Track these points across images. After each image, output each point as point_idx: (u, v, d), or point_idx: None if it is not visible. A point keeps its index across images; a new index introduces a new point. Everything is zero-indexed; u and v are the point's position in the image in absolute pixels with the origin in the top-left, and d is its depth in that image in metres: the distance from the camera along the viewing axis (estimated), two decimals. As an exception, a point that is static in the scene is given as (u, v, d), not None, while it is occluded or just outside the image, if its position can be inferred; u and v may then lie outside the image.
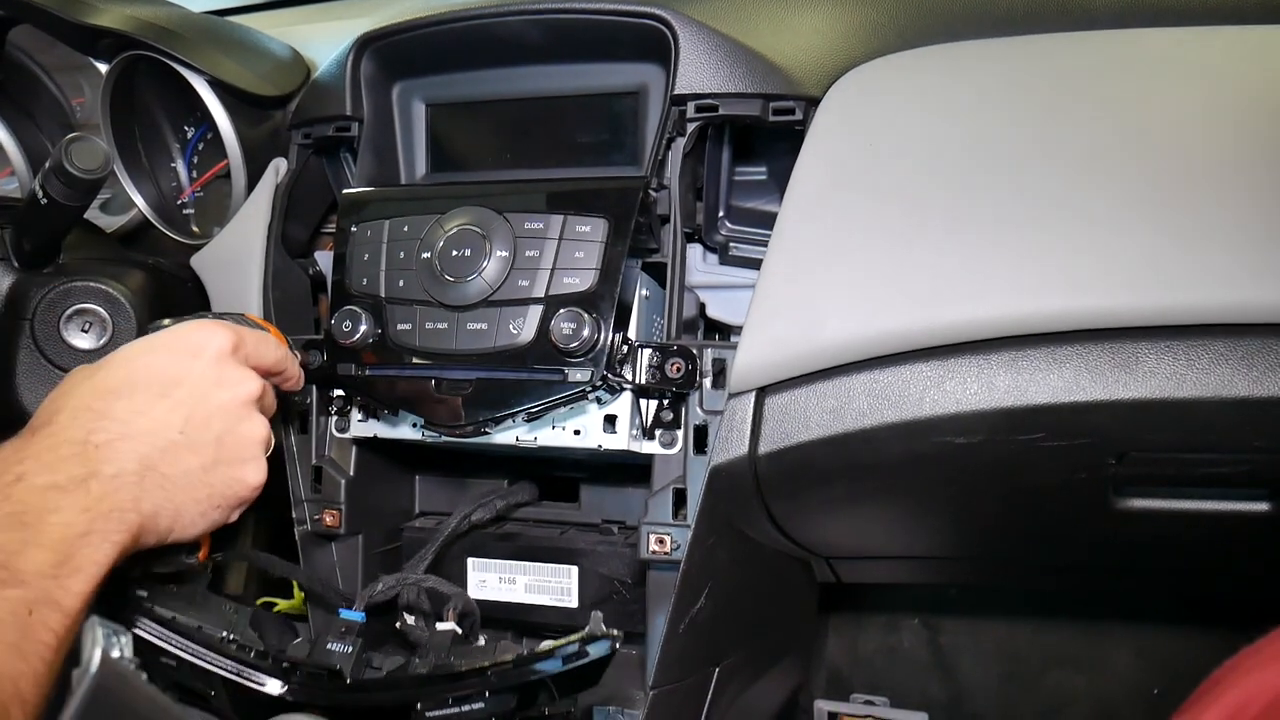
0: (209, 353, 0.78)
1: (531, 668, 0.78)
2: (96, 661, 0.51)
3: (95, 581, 0.64)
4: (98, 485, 0.66)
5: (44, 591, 0.60)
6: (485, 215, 0.91)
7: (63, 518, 0.63)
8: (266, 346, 0.85)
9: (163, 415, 0.73)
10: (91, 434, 0.69)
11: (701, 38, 0.91)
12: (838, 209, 0.87)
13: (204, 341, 0.79)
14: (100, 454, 0.68)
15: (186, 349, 0.78)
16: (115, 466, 0.68)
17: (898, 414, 0.84)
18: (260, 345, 0.84)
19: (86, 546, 0.64)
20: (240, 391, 0.79)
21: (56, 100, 1.29)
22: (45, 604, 0.60)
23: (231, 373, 0.79)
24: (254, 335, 0.84)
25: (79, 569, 0.63)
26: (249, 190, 1.09)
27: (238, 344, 0.80)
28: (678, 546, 0.89)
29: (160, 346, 0.78)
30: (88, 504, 0.65)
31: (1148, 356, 0.80)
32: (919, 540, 1.13)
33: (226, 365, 0.79)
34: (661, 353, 0.89)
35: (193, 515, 0.74)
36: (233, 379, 0.79)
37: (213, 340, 0.79)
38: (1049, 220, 0.82)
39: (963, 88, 0.89)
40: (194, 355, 0.77)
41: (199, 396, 0.76)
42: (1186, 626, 1.59)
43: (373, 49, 1.03)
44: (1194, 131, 0.82)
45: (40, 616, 0.59)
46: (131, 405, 0.72)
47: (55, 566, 0.61)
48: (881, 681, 1.71)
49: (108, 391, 0.73)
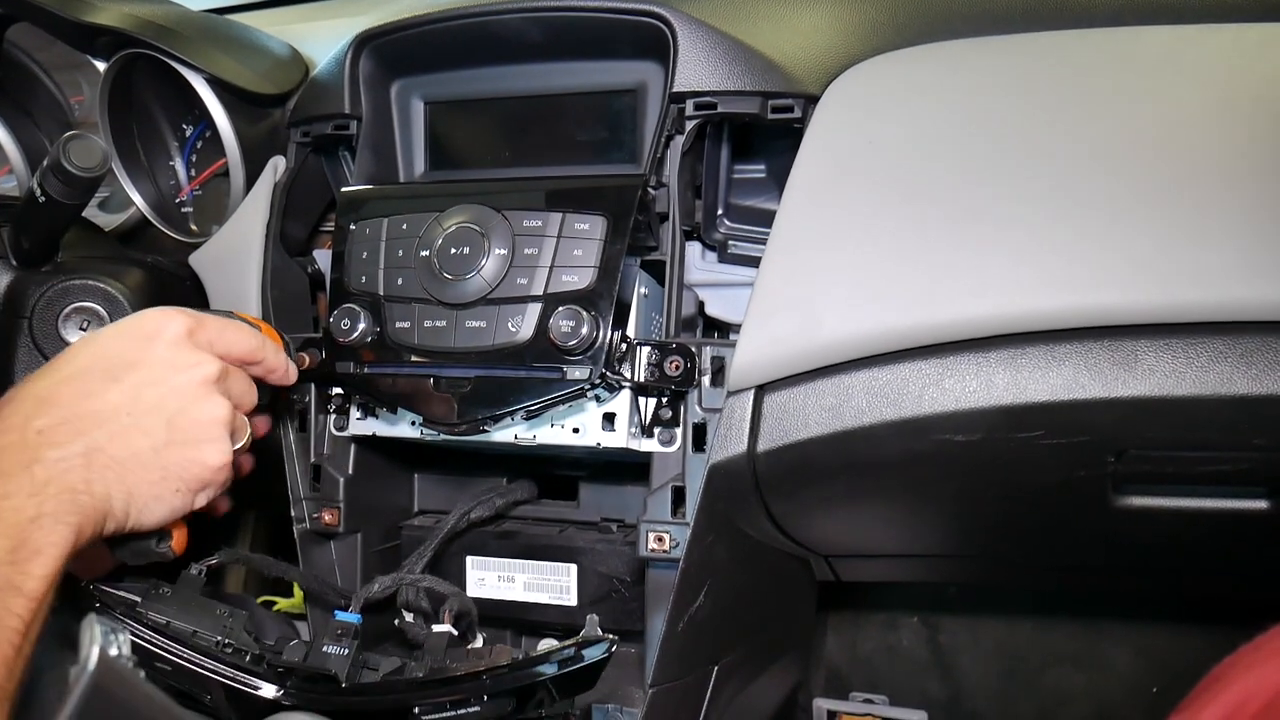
0: (165, 336, 0.78)
1: (527, 672, 0.78)
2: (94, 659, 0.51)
3: (56, 564, 0.64)
4: (42, 470, 0.66)
5: (4, 578, 0.61)
6: (484, 213, 0.91)
7: (11, 504, 0.64)
8: (234, 334, 0.84)
9: (111, 399, 0.73)
10: (33, 420, 0.69)
11: (700, 35, 0.91)
12: (836, 207, 0.87)
13: (159, 326, 0.78)
14: (42, 439, 0.68)
15: (141, 333, 0.78)
16: (59, 451, 0.68)
17: (896, 412, 0.84)
18: (224, 332, 0.83)
19: (39, 530, 0.64)
20: (196, 374, 0.78)
21: (55, 98, 1.29)
22: (6, 590, 0.60)
23: (187, 355, 0.78)
24: (217, 322, 0.83)
25: (37, 551, 0.63)
26: (247, 188, 1.09)
27: (194, 328, 0.80)
28: (676, 544, 0.89)
29: (115, 333, 0.78)
30: (33, 489, 0.65)
31: (1147, 354, 0.80)
32: (918, 538, 1.13)
33: (182, 348, 0.78)
34: (660, 350, 0.89)
35: (147, 498, 0.74)
36: (187, 361, 0.78)
37: (168, 325, 0.78)
38: (1047, 218, 0.82)
39: (961, 85, 0.89)
40: (148, 339, 0.77)
41: (151, 379, 0.75)
42: (1186, 625, 1.59)
43: (371, 47, 1.03)
44: (1192, 129, 0.82)
45: (3, 602, 0.60)
46: (78, 389, 0.72)
47: (11, 552, 0.62)
48: (881, 680, 1.71)
49: (59, 380, 0.73)
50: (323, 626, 0.89)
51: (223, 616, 0.86)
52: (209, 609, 0.86)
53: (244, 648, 0.85)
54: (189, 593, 0.87)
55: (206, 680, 0.80)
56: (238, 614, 0.87)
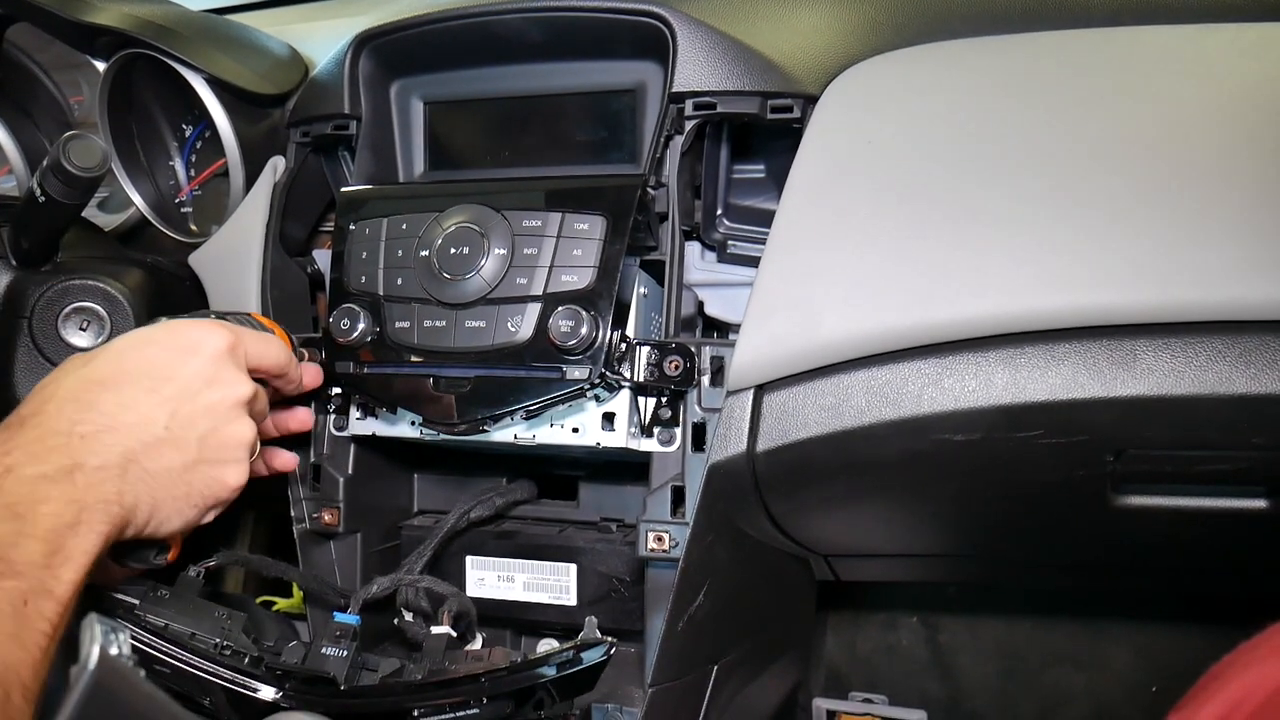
0: (205, 351, 0.78)
1: (526, 674, 0.78)
2: (94, 659, 0.51)
3: (84, 570, 0.64)
4: (83, 477, 0.67)
5: (38, 581, 0.61)
6: (483, 213, 0.91)
7: (52, 508, 0.64)
8: (268, 349, 0.85)
9: (149, 410, 0.73)
10: (76, 425, 0.69)
11: (699, 35, 0.91)
12: (835, 206, 0.87)
13: (200, 340, 0.78)
14: (85, 445, 0.68)
15: (182, 346, 0.78)
16: (99, 459, 0.68)
17: (896, 411, 0.84)
18: (261, 347, 0.84)
19: (75, 536, 0.64)
20: (231, 393, 0.78)
21: (54, 98, 1.29)
22: (39, 594, 0.61)
23: (226, 373, 0.79)
24: (254, 337, 0.84)
25: (69, 558, 0.63)
26: (247, 188, 1.09)
27: (235, 345, 0.80)
28: (676, 544, 0.89)
29: (155, 341, 0.78)
30: (74, 495, 0.65)
31: (1145, 353, 0.80)
32: (917, 538, 1.13)
33: (222, 365, 0.78)
34: (660, 350, 0.89)
35: (169, 512, 0.74)
36: (226, 379, 0.78)
37: (209, 339, 0.79)
38: (1046, 217, 0.82)
39: (959, 85, 0.89)
40: (189, 352, 0.77)
41: (188, 394, 0.76)
42: (1185, 624, 1.59)
43: (371, 47, 1.03)
44: (1190, 128, 0.82)
45: (35, 606, 0.60)
46: (119, 398, 0.72)
47: (47, 557, 0.62)
48: (880, 679, 1.71)
49: (96, 383, 0.73)
50: (322, 627, 0.89)
51: (221, 618, 0.86)
52: (207, 611, 0.86)
53: (243, 650, 0.85)
54: (187, 595, 0.87)
55: (205, 682, 0.80)
56: (236, 616, 0.87)
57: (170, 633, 0.82)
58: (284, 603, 1.47)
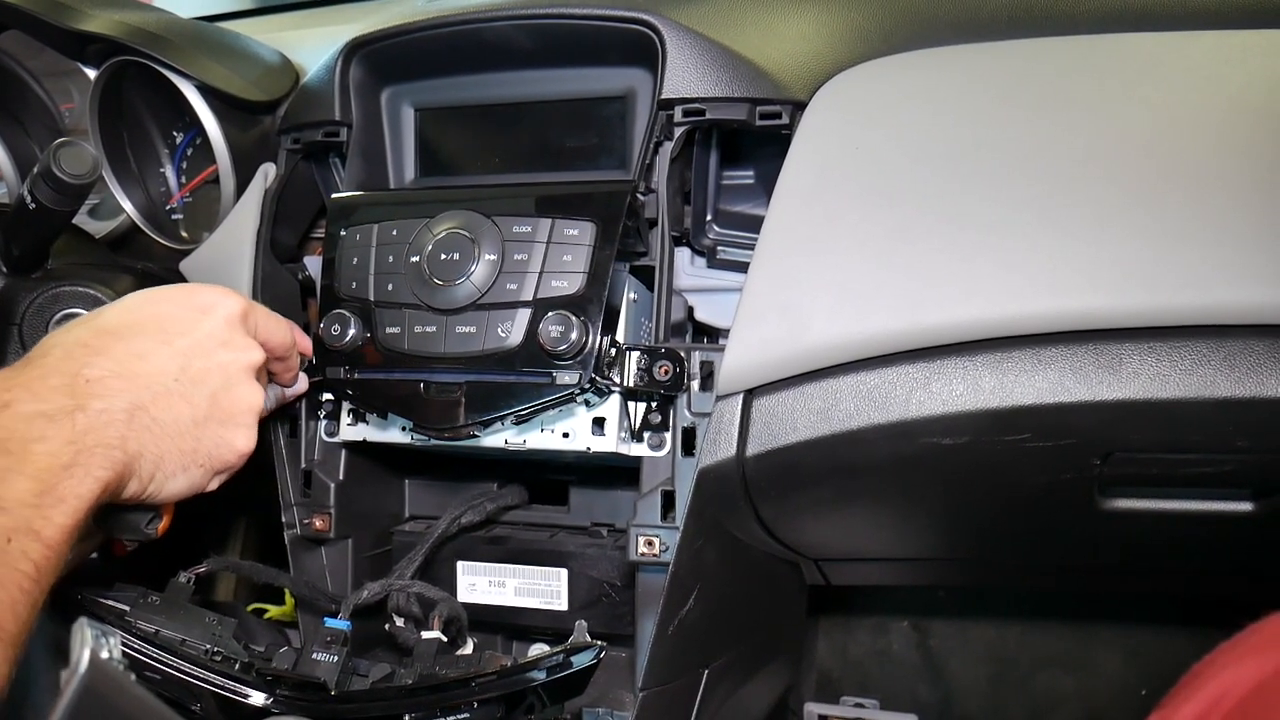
0: (218, 313, 0.78)
1: (516, 678, 0.78)
2: (85, 662, 0.51)
3: (77, 516, 0.63)
4: (84, 418, 0.66)
5: (24, 520, 0.60)
6: (474, 219, 0.91)
7: (47, 447, 0.63)
8: (277, 326, 0.86)
9: (160, 361, 0.73)
10: (84, 368, 0.68)
11: (688, 42, 0.92)
12: (823, 212, 0.87)
13: (215, 302, 0.79)
14: (90, 388, 0.67)
15: (196, 305, 0.78)
16: (104, 402, 0.67)
17: (884, 415, 0.84)
18: (271, 323, 0.85)
19: (70, 478, 0.63)
20: (243, 357, 0.79)
21: (45, 105, 1.29)
22: (25, 533, 0.59)
23: (237, 337, 0.79)
24: (265, 312, 0.85)
25: (61, 500, 0.62)
26: (238, 195, 1.09)
27: (248, 312, 0.81)
28: (666, 548, 0.90)
29: (170, 298, 0.78)
30: (73, 436, 0.64)
31: (1131, 358, 0.81)
32: (907, 542, 1.14)
33: (234, 329, 0.79)
34: (649, 355, 0.89)
35: (174, 467, 0.73)
36: (238, 343, 0.79)
37: (225, 302, 0.79)
38: (1033, 223, 0.82)
39: (947, 92, 0.90)
40: (203, 312, 0.78)
41: (200, 351, 0.76)
42: (1175, 628, 1.60)
43: (361, 54, 1.03)
44: (1176, 135, 0.83)
45: (19, 545, 0.59)
46: (130, 348, 0.72)
47: (37, 495, 0.61)
48: (871, 683, 1.71)
49: (107, 332, 0.72)
50: (313, 632, 0.89)
51: (212, 624, 0.86)
52: (198, 617, 0.86)
53: (233, 655, 0.85)
54: (178, 601, 0.87)
55: (196, 688, 0.80)
56: (227, 621, 0.87)
57: (161, 639, 0.82)
58: (275, 610, 1.47)
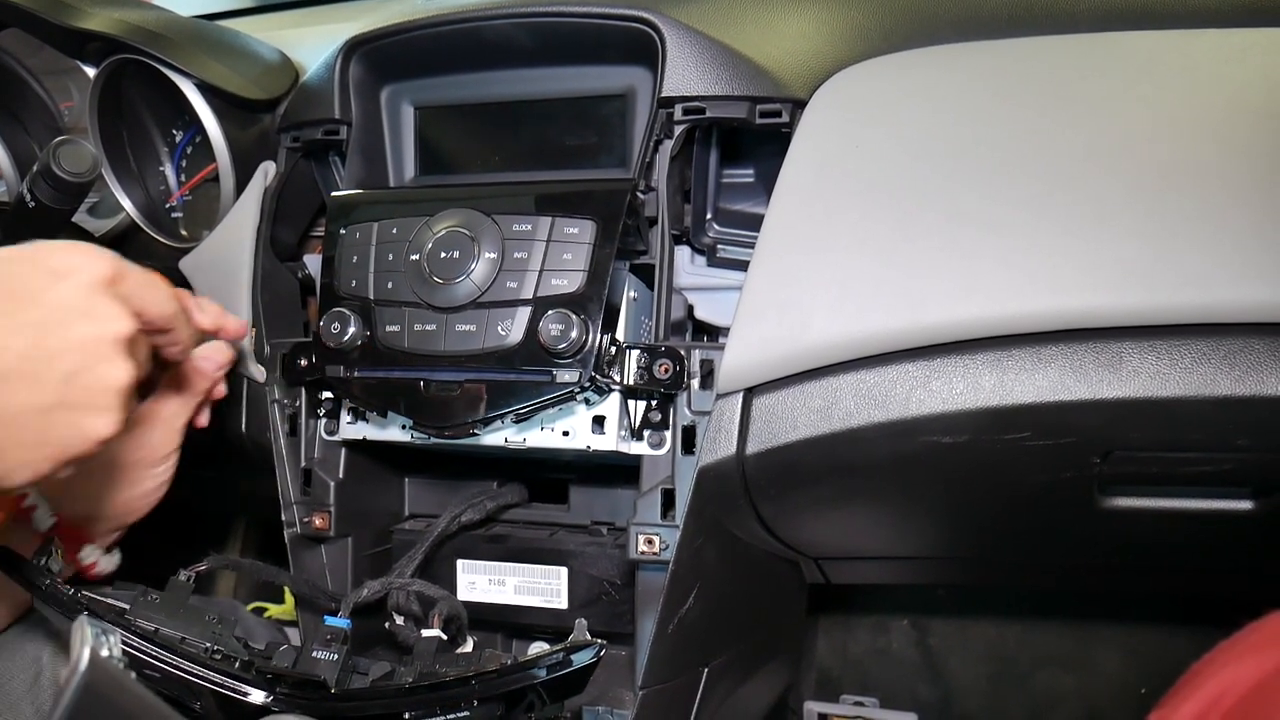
0: (79, 278, 0.66)
1: (515, 676, 0.78)
2: (85, 660, 0.51)
3: None
4: None
5: None
6: (473, 217, 0.91)
7: None
8: (155, 294, 0.73)
9: (2, 336, 0.62)
10: None
11: (688, 41, 0.92)
12: (823, 210, 0.87)
13: (76, 265, 0.67)
14: None
15: (52, 268, 0.66)
16: None
17: (884, 414, 0.84)
18: (146, 290, 0.72)
19: None
20: (108, 328, 0.67)
21: (44, 104, 1.29)
22: None
23: (101, 306, 0.67)
24: (142, 276, 0.72)
25: None
26: (238, 194, 1.09)
27: (116, 277, 0.68)
28: (666, 547, 0.90)
29: (20, 258, 0.66)
30: None
31: (1132, 356, 0.81)
32: (907, 540, 1.14)
33: (97, 296, 0.67)
34: (649, 354, 0.89)
35: (13, 462, 0.63)
36: (101, 313, 0.67)
37: (87, 265, 0.67)
38: (1033, 221, 0.82)
39: (947, 90, 0.90)
40: (59, 276, 0.66)
41: (54, 323, 0.64)
42: (1175, 626, 1.60)
43: (361, 52, 1.03)
44: (1176, 133, 0.83)
45: None
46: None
47: None
48: (871, 682, 1.71)
49: None
50: (313, 631, 0.89)
51: (212, 623, 0.86)
52: (198, 615, 0.86)
53: (233, 653, 0.85)
54: (177, 599, 0.87)
55: (196, 686, 0.80)
56: (226, 620, 0.87)
57: (160, 637, 0.82)
58: (275, 609, 1.47)
